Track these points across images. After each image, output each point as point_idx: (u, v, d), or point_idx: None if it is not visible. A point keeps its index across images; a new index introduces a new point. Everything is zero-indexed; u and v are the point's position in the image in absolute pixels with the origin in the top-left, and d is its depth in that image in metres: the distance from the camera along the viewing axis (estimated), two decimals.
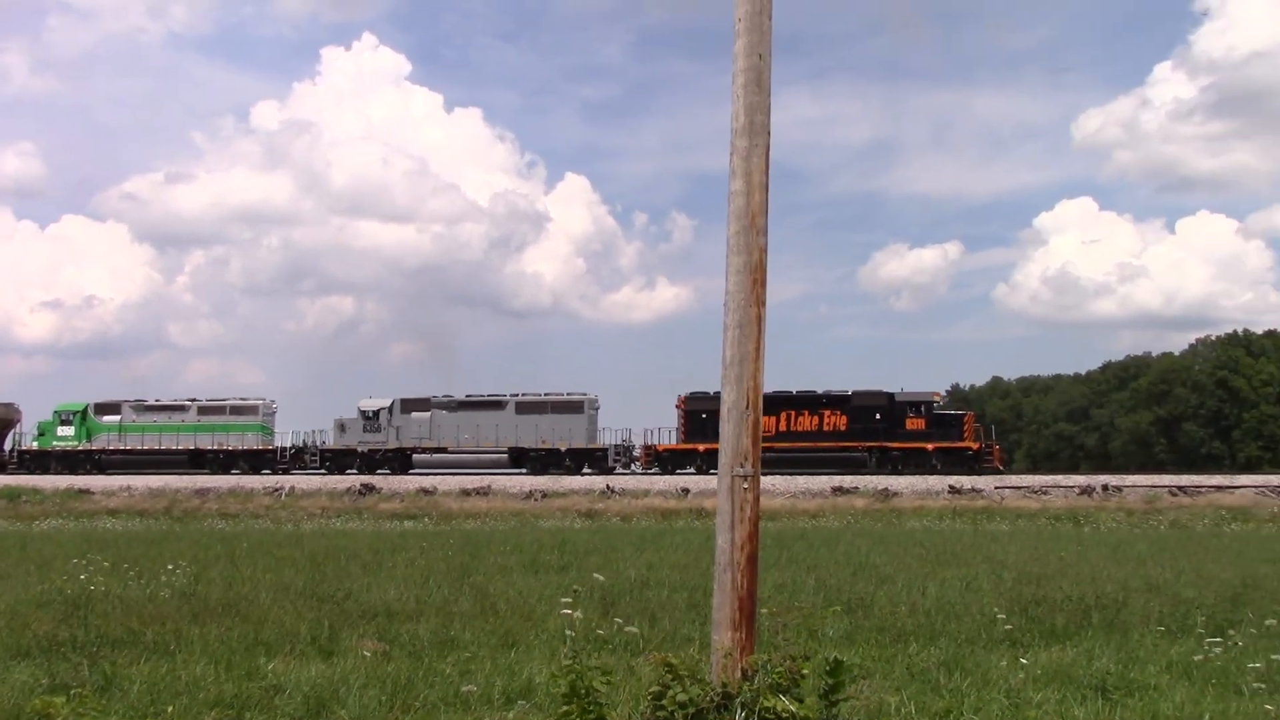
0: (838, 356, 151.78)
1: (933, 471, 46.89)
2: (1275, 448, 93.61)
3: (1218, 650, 8.24)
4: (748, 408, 5.81)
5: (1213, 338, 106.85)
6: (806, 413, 51.03)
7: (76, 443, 53.79)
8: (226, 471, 51.43)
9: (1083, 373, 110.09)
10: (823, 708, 5.67)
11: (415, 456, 52.05)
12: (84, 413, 54.46)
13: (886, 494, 35.12)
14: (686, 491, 36.37)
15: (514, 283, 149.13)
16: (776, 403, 51.32)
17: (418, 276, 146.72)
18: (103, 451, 53.65)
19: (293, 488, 39.90)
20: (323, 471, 51.56)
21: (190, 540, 20.78)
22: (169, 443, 53.45)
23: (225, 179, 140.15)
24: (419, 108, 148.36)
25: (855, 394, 52.91)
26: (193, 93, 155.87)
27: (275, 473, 51.09)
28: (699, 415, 50.70)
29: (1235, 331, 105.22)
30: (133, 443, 53.85)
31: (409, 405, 53.06)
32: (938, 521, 27.98)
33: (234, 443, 53.44)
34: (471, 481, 42.16)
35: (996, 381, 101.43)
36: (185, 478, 45.79)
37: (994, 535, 22.96)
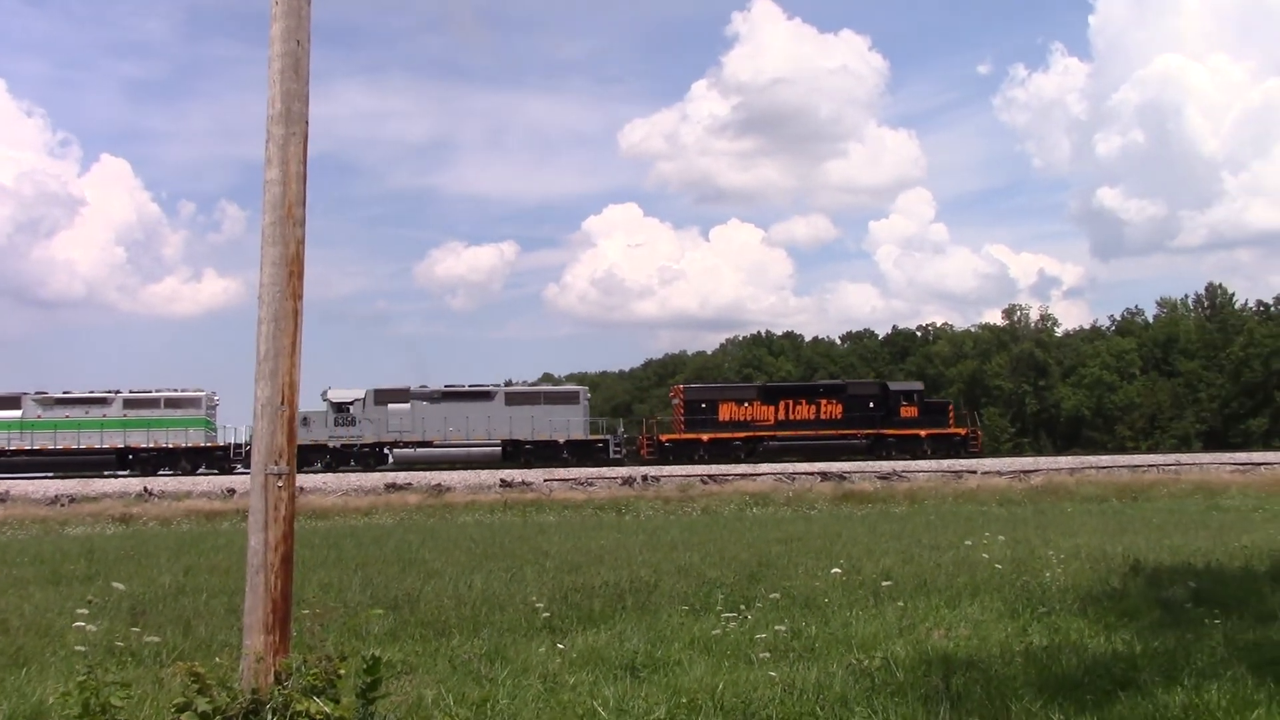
0: (395, 351, 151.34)
1: (924, 456, 49.06)
2: None
3: (734, 625, 8.93)
4: (283, 403, 5.62)
5: (740, 338, 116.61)
6: (804, 402, 52.16)
7: None
8: (156, 472, 45.00)
9: (626, 369, 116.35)
10: (359, 706, 5.60)
11: (395, 451, 47.53)
12: None
13: (439, 489, 35.33)
14: (232, 492, 34.77)
15: (42, 270, 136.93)
16: (775, 393, 53.27)
17: None
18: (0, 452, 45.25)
19: None
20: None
21: None
22: (90, 441, 45.99)
23: None
24: None
25: (850, 384, 55.85)
26: None
27: (225, 472, 45.09)
28: (698, 405, 51.22)
29: (759, 333, 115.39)
30: (42, 441, 45.80)
31: (384, 396, 48.42)
32: (489, 515, 28.46)
33: (174, 439, 46.72)
34: None
35: (547, 378, 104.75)
36: None
37: (541, 527, 23.69)
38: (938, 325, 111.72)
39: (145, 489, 36.36)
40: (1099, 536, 16.86)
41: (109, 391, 48.72)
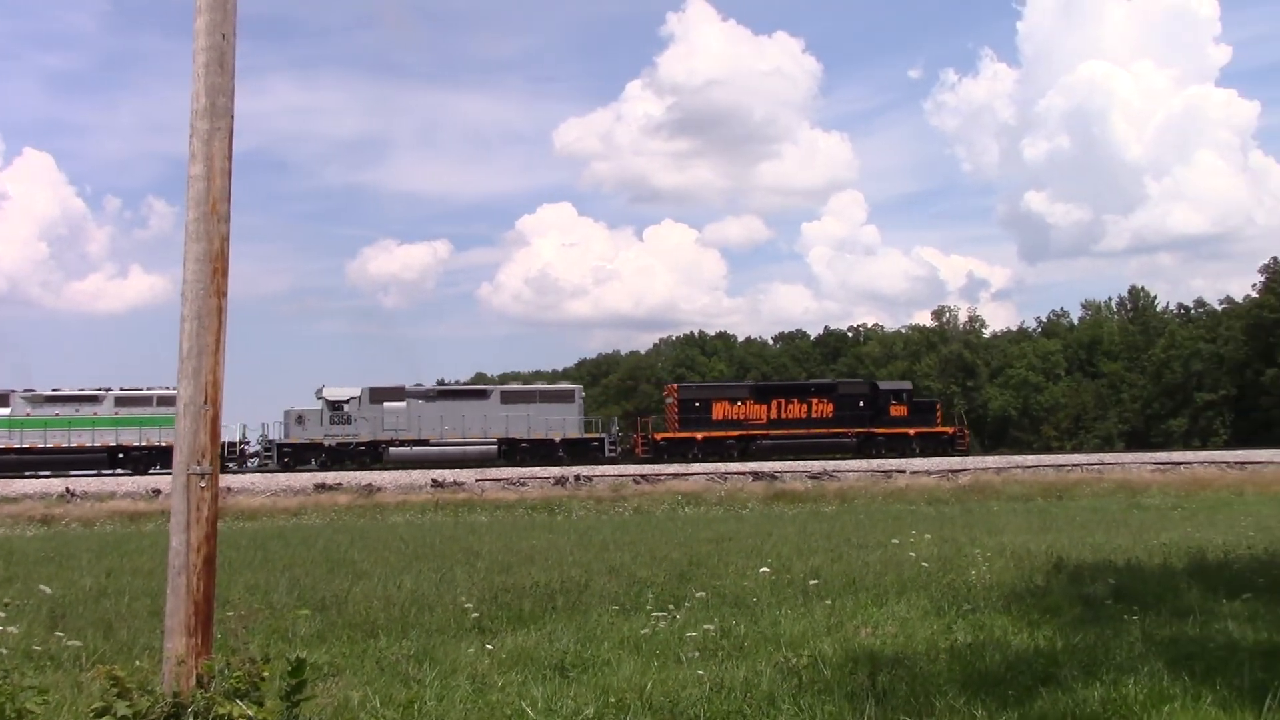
0: (325, 349, 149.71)
1: (913, 454, 49.78)
2: None
3: (663, 624, 8.93)
4: (206, 403, 5.53)
5: (673, 337, 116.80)
6: (796, 401, 52.95)
7: None
8: (148, 470, 44.16)
9: (559, 369, 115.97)
10: (284, 709, 5.53)
11: (392, 450, 46.98)
12: None
13: (370, 489, 35.02)
14: (158, 492, 34.18)
15: None
16: (767, 392, 54.29)
17: None
18: None
19: None
20: (275, 469, 44.82)
21: None
22: (81, 439, 44.90)
23: None
24: None
25: (840, 383, 56.83)
26: None
27: (223, 470, 43.88)
28: (692, 404, 52.05)
29: (692, 333, 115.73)
30: (31, 439, 44.52)
31: (380, 394, 47.80)
32: (420, 515, 28.27)
33: (167, 438, 43.95)
34: None
35: (480, 377, 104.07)
36: None
37: (473, 527, 23.59)
38: (869, 326, 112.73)
39: (68, 489, 35.66)
40: (1024, 535, 17.13)
41: (100, 389, 47.68)
